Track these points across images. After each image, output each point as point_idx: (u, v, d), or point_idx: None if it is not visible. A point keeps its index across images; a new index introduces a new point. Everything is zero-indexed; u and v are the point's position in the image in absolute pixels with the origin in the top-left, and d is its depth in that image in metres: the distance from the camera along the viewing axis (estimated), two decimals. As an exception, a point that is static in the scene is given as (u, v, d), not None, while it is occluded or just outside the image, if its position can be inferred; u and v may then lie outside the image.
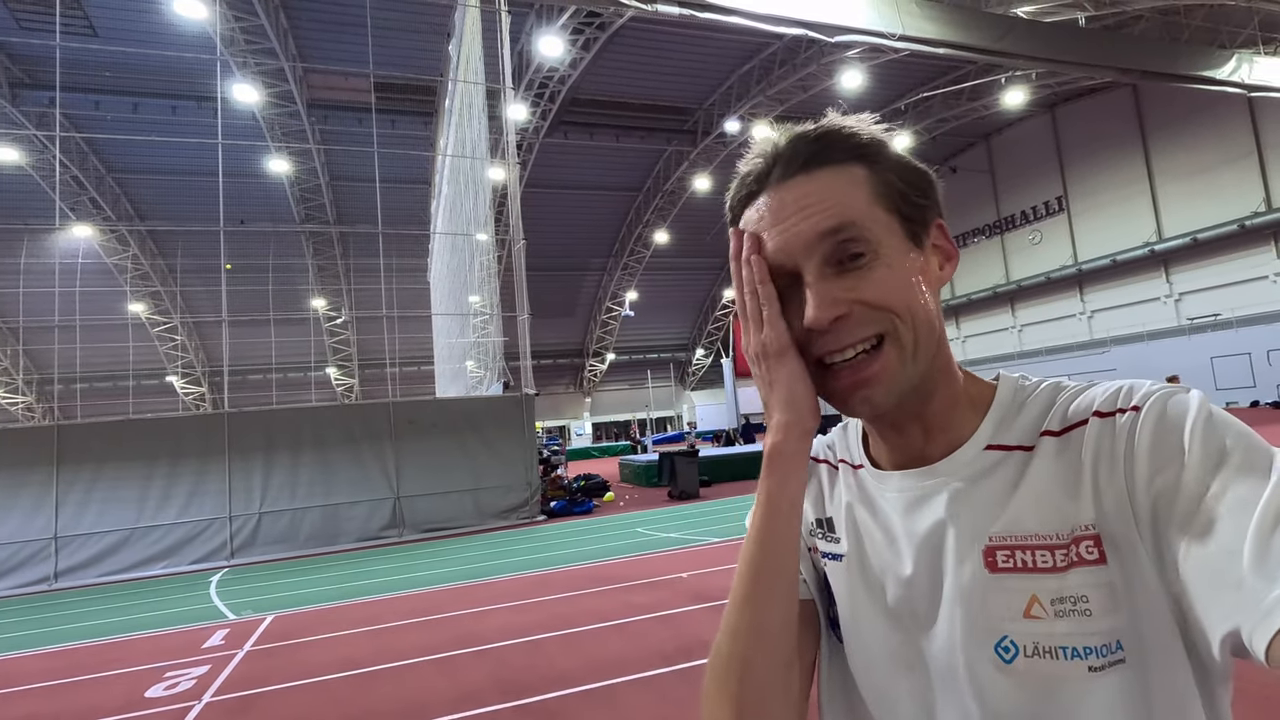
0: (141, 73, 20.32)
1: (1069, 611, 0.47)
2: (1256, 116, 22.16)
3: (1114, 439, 0.49)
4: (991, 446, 0.54)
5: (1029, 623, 0.48)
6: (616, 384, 42.22)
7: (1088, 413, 0.51)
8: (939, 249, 0.56)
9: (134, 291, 28.83)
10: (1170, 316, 25.45)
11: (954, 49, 10.72)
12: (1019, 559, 0.50)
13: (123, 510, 9.79)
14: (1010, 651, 0.49)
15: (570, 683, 3.89)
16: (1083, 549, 0.48)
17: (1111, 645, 0.46)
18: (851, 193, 0.53)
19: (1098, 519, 0.48)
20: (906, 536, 0.55)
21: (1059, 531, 0.49)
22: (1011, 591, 0.49)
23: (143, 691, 4.45)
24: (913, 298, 0.52)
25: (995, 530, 0.51)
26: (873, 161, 0.54)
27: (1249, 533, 0.40)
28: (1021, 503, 0.51)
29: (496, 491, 11.65)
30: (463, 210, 16.81)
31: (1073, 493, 0.49)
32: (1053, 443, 0.52)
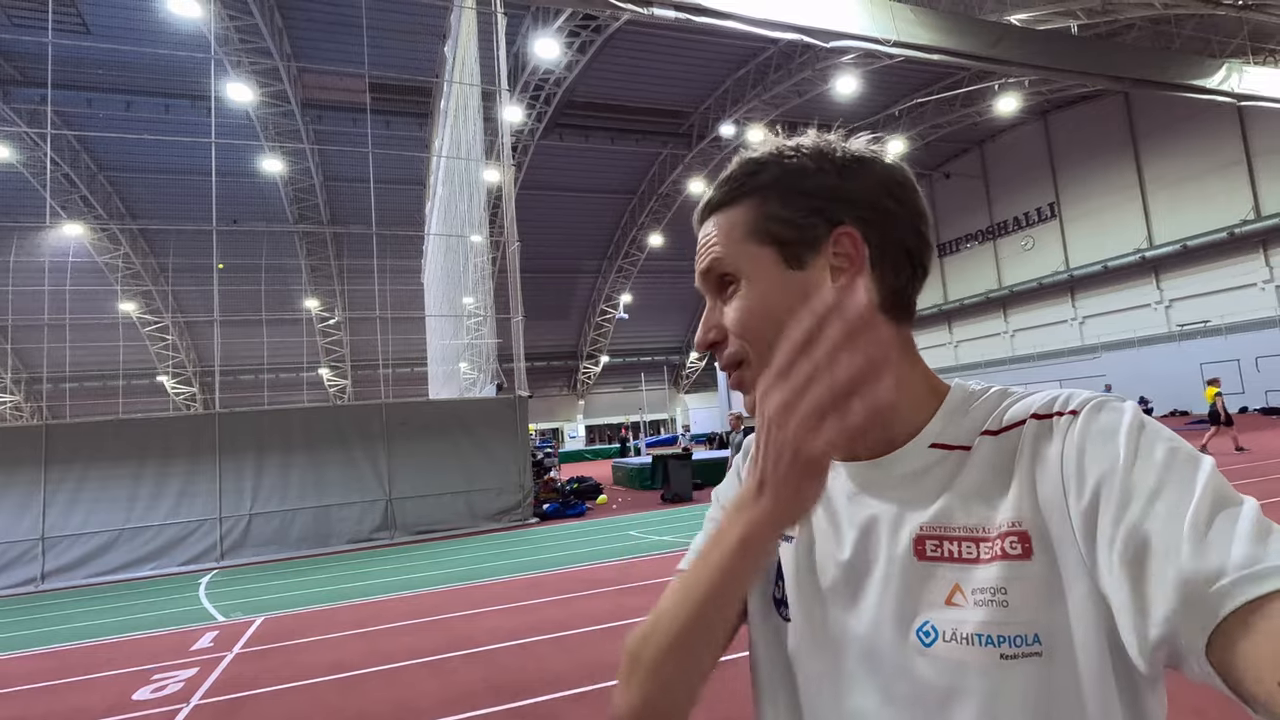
0: (135, 71, 20.22)
1: (987, 601, 0.49)
2: (1246, 125, 22.38)
3: (1050, 441, 0.51)
4: (936, 445, 0.56)
5: (949, 610, 0.51)
6: (610, 387, 42.20)
7: (1025, 415, 0.53)
8: (840, 256, 0.57)
9: (125, 290, 28.64)
10: (1161, 323, 25.64)
11: (948, 55, 10.78)
12: (946, 549, 0.52)
13: (112, 511, 9.70)
14: (930, 636, 0.51)
15: (562, 685, 3.88)
16: (1007, 544, 0.49)
17: (1028, 637, 0.48)
18: (729, 232, 0.60)
19: (1028, 516, 0.50)
20: (848, 523, 0.59)
21: (984, 525, 0.51)
22: (936, 579, 0.52)
23: (130, 694, 4.41)
24: (766, 322, 0.57)
25: (926, 520, 0.54)
26: (761, 195, 0.59)
27: (1181, 532, 0.41)
28: (953, 496, 0.53)
29: (489, 494, 11.62)
30: (457, 212, 16.79)
31: (1004, 489, 0.51)
32: (989, 442, 0.54)
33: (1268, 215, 22.02)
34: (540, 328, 33.41)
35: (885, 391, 0.42)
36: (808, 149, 0.60)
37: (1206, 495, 0.42)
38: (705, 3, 8.81)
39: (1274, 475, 9.29)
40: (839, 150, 0.59)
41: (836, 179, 0.58)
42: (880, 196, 0.58)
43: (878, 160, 0.60)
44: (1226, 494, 0.43)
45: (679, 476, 13.14)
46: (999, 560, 0.49)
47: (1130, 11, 14.81)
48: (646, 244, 32.74)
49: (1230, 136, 22.96)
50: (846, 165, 0.59)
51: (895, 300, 0.58)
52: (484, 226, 14.56)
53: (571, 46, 19.86)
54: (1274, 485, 8.48)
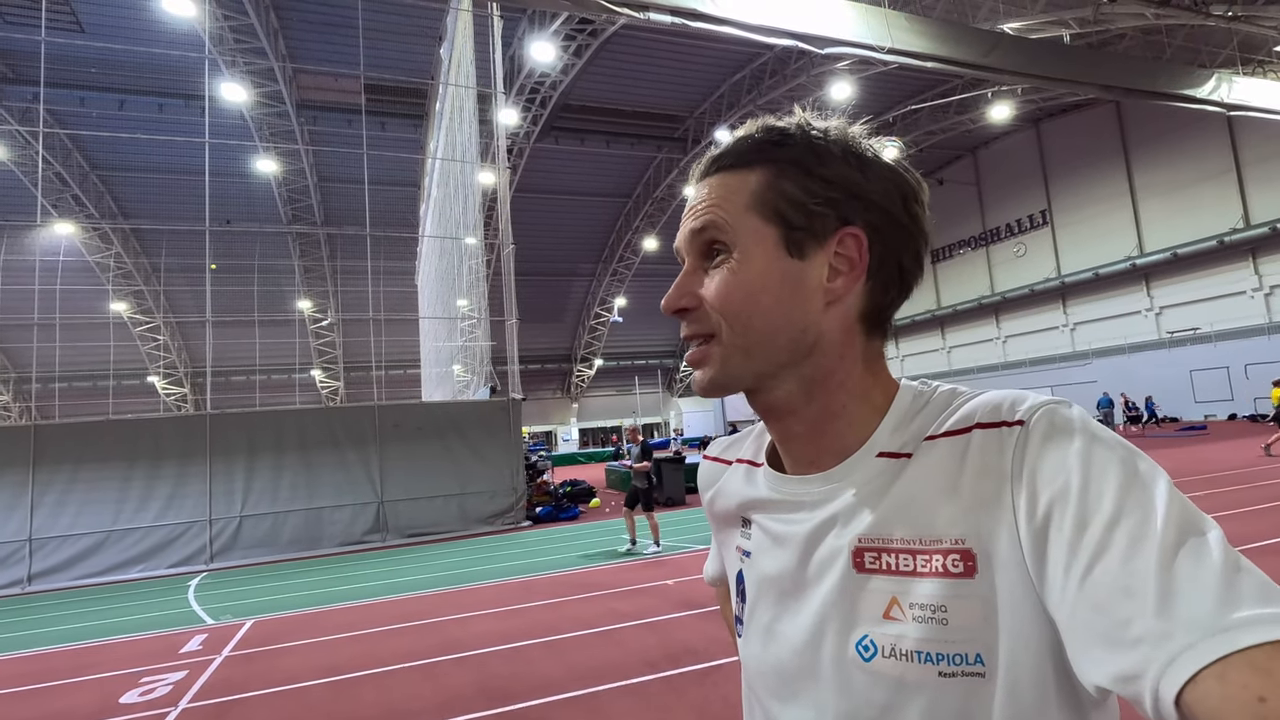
0: (128, 70, 20.12)
1: (926, 618, 0.48)
2: (1235, 135, 22.60)
3: (996, 453, 0.48)
4: (884, 454, 0.54)
5: (887, 624, 0.49)
6: (604, 390, 42.16)
7: (970, 422, 0.50)
8: (841, 257, 0.55)
9: (116, 290, 28.46)
10: (1151, 330, 25.82)
11: (942, 63, 10.84)
12: (884, 561, 0.50)
13: (100, 512, 9.63)
14: (870, 650, 0.50)
15: (554, 690, 3.87)
16: (949, 561, 0.48)
17: (968, 656, 0.46)
18: (731, 197, 0.56)
19: (972, 533, 0.47)
20: (794, 536, 0.57)
21: (924, 538, 0.49)
22: (874, 592, 0.51)
23: (117, 697, 4.37)
24: (754, 305, 0.54)
25: (864, 531, 0.52)
26: (779, 167, 0.56)
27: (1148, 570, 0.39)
28: (893, 506, 0.51)
29: (482, 497, 11.59)
30: (452, 214, 16.77)
31: (945, 501, 0.49)
32: (930, 448, 0.52)
33: (1257, 224, 22.22)
34: (534, 330, 33.38)
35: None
36: (834, 134, 0.56)
37: (1170, 525, 0.40)
38: (701, 8, 8.84)
39: None
40: (864, 145, 0.56)
41: (859, 174, 0.55)
42: (896, 206, 0.55)
43: (900, 167, 0.57)
44: (1189, 520, 0.40)
45: (672, 480, 13.12)
46: (939, 577, 0.48)
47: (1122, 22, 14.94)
48: (641, 248, 32.77)
49: (1220, 146, 23.18)
50: (868, 162, 0.56)
51: (876, 316, 0.57)
52: (478, 229, 14.56)
53: (567, 50, 19.87)
54: None
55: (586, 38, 19.56)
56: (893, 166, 0.56)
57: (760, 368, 0.56)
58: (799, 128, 0.57)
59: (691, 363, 0.58)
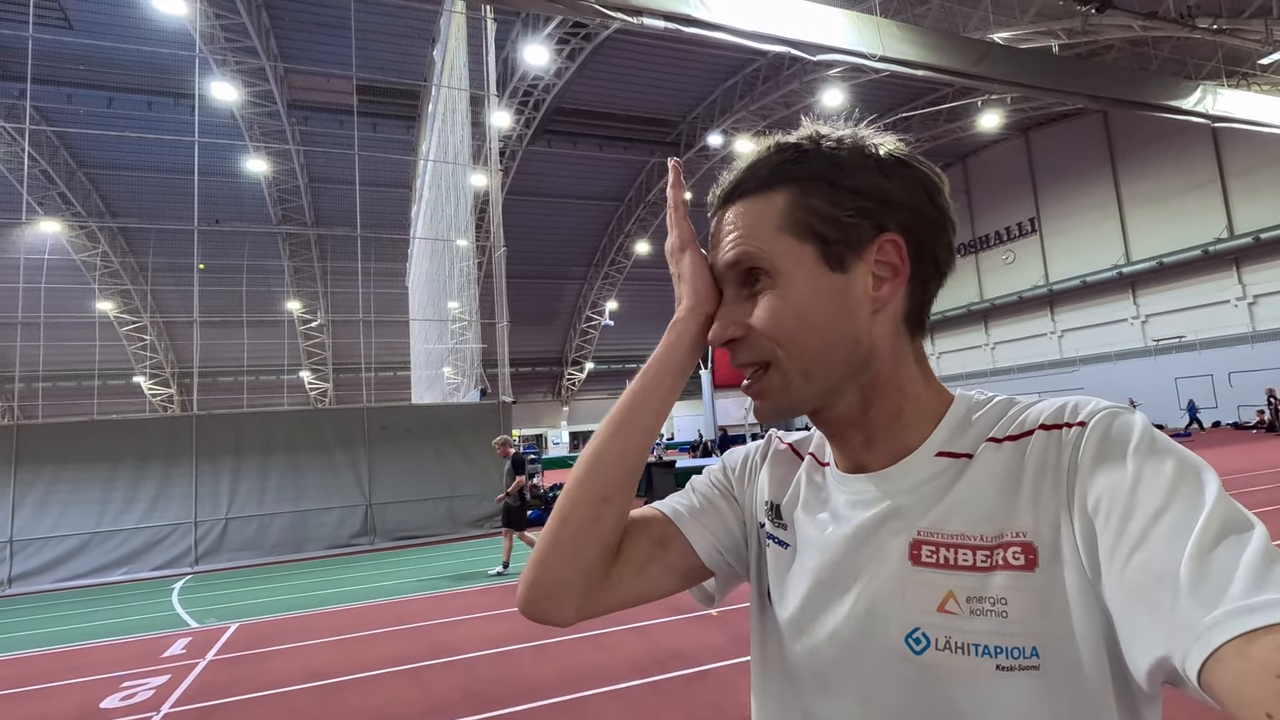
0: (117, 67, 19.96)
1: (986, 611, 0.48)
2: (1220, 146, 22.91)
3: (1058, 452, 0.49)
4: (942, 454, 0.55)
5: (942, 617, 0.50)
6: (595, 393, 42.12)
7: (1033, 425, 0.52)
8: (883, 264, 0.55)
9: (102, 289, 28.19)
10: (1137, 337, 26.09)
11: (932, 71, 10.93)
12: (941, 555, 0.51)
13: (83, 514, 9.50)
14: (922, 643, 0.50)
15: (541, 694, 3.85)
16: (1010, 554, 0.48)
17: (1025, 650, 0.47)
18: (760, 223, 0.57)
19: (1033, 527, 0.48)
20: (848, 530, 0.57)
21: (985, 534, 0.50)
22: (929, 585, 0.51)
23: (98, 702, 4.31)
24: (806, 326, 0.55)
25: (923, 525, 0.53)
26: (803, 185, 0.56)
27: (1184, 558, 0.40)
28: (952, 503, 0.52)
29: (471, 500, 11.53)
30: (443, 216, 16.73)
31: (1009, 499, 0.50)
32: (992, 449, 0.53)
33: (1240, 234, 22.53)
34: (525, 333, 33.29)
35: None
36: (849, 143, 0.56)
37: (1214, 518, 0.41)
38: (694, 13, 8.86)
39: None
40: (880, 148, 0.57)
41: (883, 179, 0.55)
42: (923, 203, 0.56)
43: (917, 162, 0.57)
44: (1235, 518, 0.41)
45: (662, 484, 13.13)
46: (1000, 570, 0.49)
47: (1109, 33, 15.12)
48: (633, 251, 32.82)
49: (1205, 157, 23.49)
50: (889, 165, 0.56)
51: (917, 314, 0.58)
52: (470, 231, 14.52)
53: (561, 53, 19.90)
54: None
55: (580, 41, 19.60)
56: (912, 164, 0.57)
57: (822, 386, 0.56)
58: (813, 141, 0.57)
59: (751, 393, 0.59)
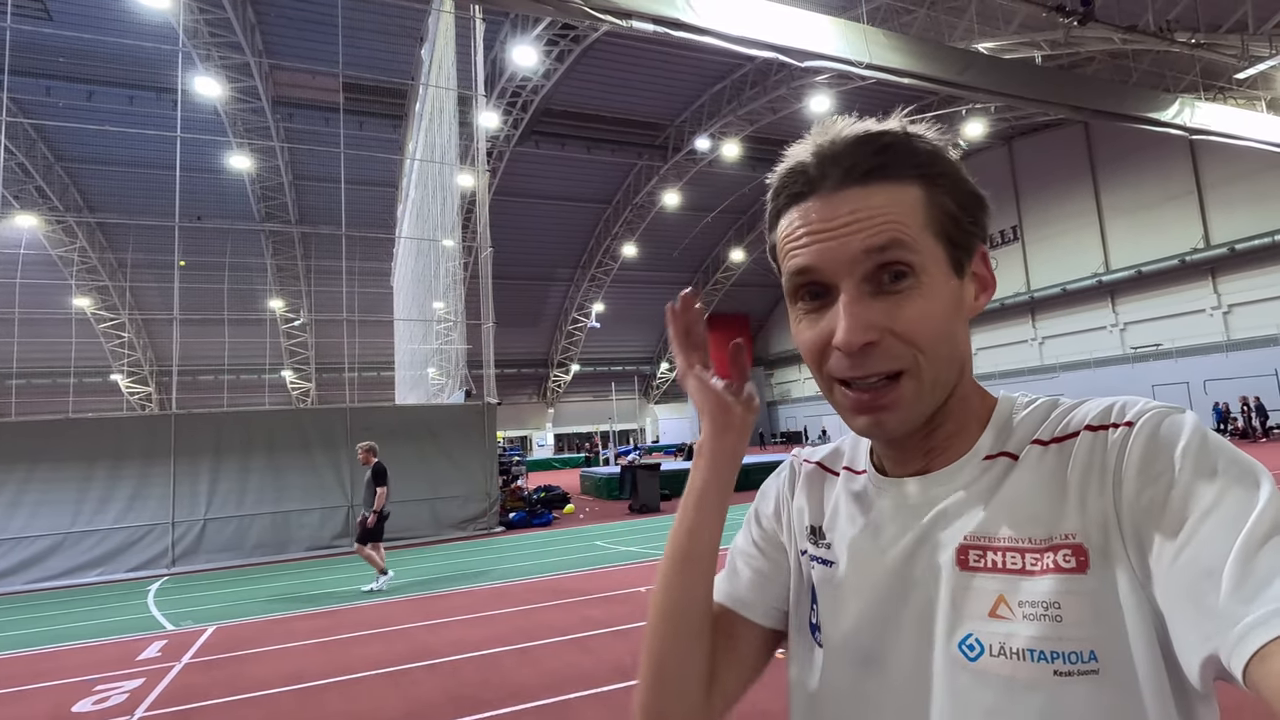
0: (98, 60, 19.65)
1: (1039, 616, 0.47)
2: (1197, 158, 23.35)
3: (1105, 453, 0.49)
4: (990, 457, 0.54)
5: (994, 622, 0.48)
6: (580, 395, 42.03)
7: (1079, 426, 0.51)
8: (978, 277, 0.56)
9: (80, 285, 27.67)
10: (1116, 345, 26.50)
11: (918, 79, 11.06)
12: (990, 559, 0.50)
13: (56, 514, 9.32)
14: (975, 650, 0.49)
15: (525, 697, 3.83)
16: (1060, 556, 0.48)
17: (1083, 654, 0.45)
18: (907, 213, 0.51)
19: (1082, 529, 0.48)
20: (893, 537, 0.56)
21: (1034, 536, 0.49)
22: (979, 591, 0.50)
23: (70, 706, 4.22)
24: (942, 332, 0.52)
25: (970, 530, 0.52)
26: (932, 181, 0.53)
27: (1231, 555, 0.40)
28: (999, 506, 0.51)
29: (454, 502, 11.46)
30: (430, 215, 16.63)
31: (1056, 501, 0.49)
32: (1038, 451, 0.52)
33: (1216, 244, 22.98)
34: (511, 335, 33.17)
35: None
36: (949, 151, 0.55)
37: (1264, 517, 0.40)
38: (684, 17, 8.90)
39: None
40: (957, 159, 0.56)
41: (975, 191, 0.55)
42: (987, 217, 0.56)
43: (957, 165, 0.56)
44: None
45: (647, 487, 13.12)
46: (1051, 573, 0.47)
47: (1091, 45, 15.38)
48: (620, 254, 32.81)
49: (1182, 168, 23.94)
50: (970, 177, 0.56)
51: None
52: (456, 231, 14.45)
53: (550, 55, 19.89)
54: None
55: (569, 43, 19.60)
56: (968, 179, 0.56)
57: (942, 396, 0.54)
58: (936, 143, 0.55)
59: (876, 406, 0.52)
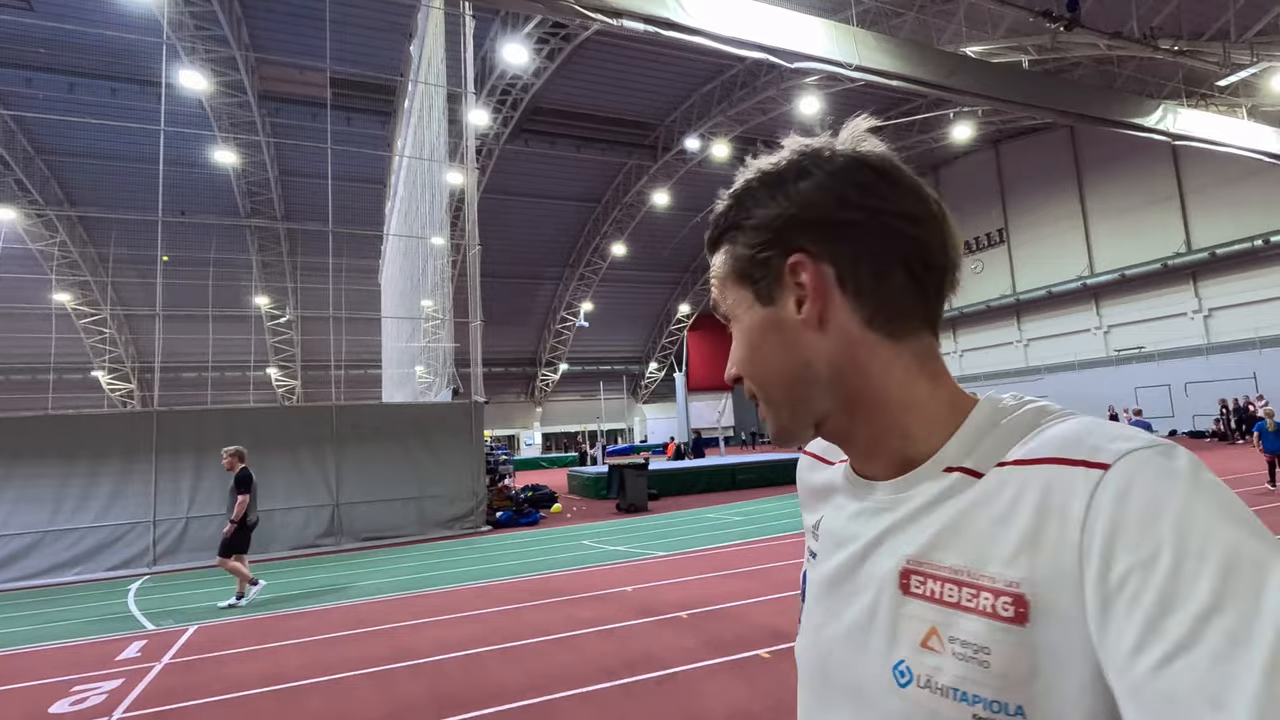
0: (80, 51, 19.38)
1: (967, 656, 0.45)
2: (1179, 163, 23.69)
3: (1068, 496, 0.42)
4: (951, 469, 0.51)
5: (925, 653, 0.47)
6: (568, 394, 41.96)
7: (1045, 453, 0.45)
8: (799, 285, 0.54)
9: (60, 280, 27.26)
10: (1099, 347, 26.82)
11: (906, 82, 11.12)
12: (929, 588, 0.48)
13: (34, 511, 9.18)
14: (905, 677, 0.48)
15: (509, 697, 3.81)
16: (1000, 603, 0.44)
17: (1009, 706, 0.43)
18: (720, 272, 0.61)
19: (1029, 579, 0.43)
20: (853, 540, 0.56)
21: (975, 571, 0.46)
22: (914, 618, 0.48)
23: (46, 707, 4.16)
24: (756, 358, 0.58)
25: (914, 552, 0.50)
26: (730, 240, 0.59)
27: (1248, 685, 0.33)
28: (948, 530, 0.48)
29: (441, 500, 11.40)
30: (418, 213, 16.53)
31: (1006, 538, 0.45)
32: (999, 475, 0.47)
33: (1197, 249, 23.32)
34: (499, 333, 33.07)
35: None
36: (763, 173, 0.57)
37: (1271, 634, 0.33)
38: (674, 17, 8.90)
39: None
40: (793, 166, 0.56)
41: (786, 203, 0.55)
42: (832, 210, 0.53)
43: (834, 165, 0.55)
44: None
45: (635, 486, 13.11)
46: (986, 616, 0.44)
47: (1077, 51, 15.53)
48: (609, 253, 32.79)
49: (1165, 173, 24.27)
50: (795, 183, 0.55)
51: (887, 313, 0.54)
52: (445, 229, 14.37)
53: (540, 53, 19.83)
54: None
55: (559, 41, 19.55)
56: (822, 170, 0.55)
57: (799, 410, 0.57)
58: (737, 190, 0.59)
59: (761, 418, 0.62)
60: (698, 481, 15.94)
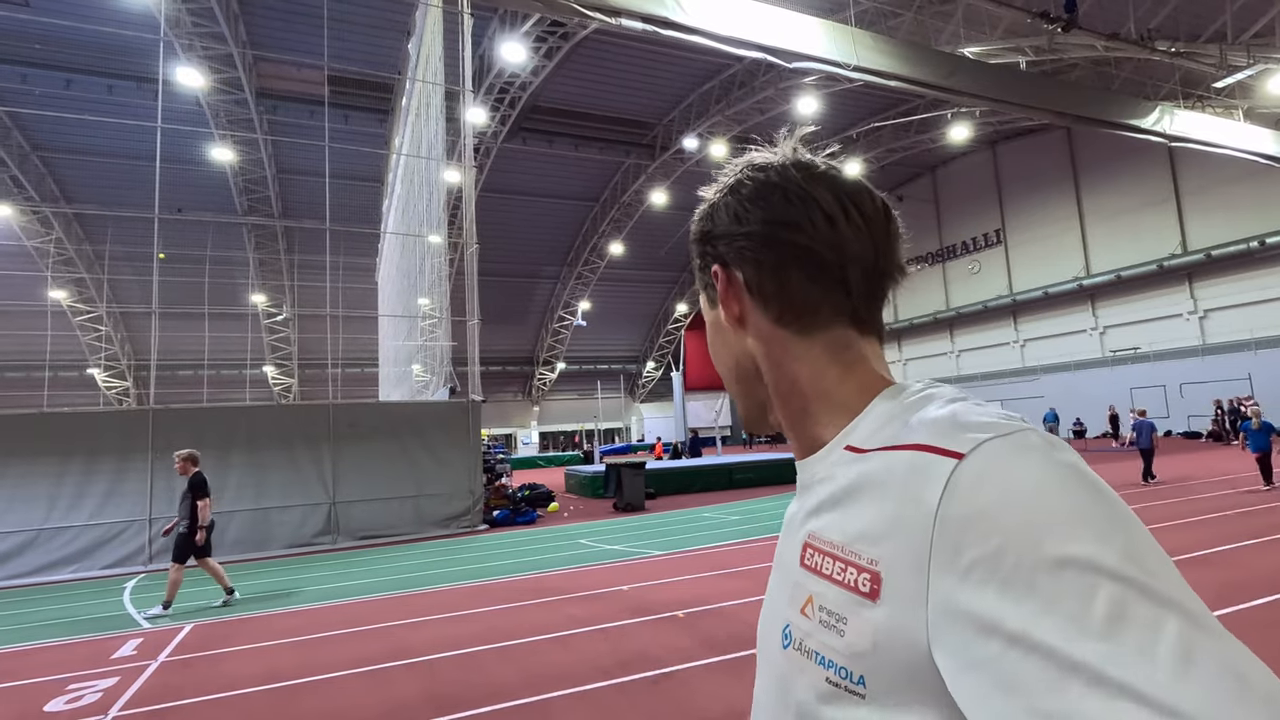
0: (76, 48, 19.30)
1: (829, 624, 0.49)
2: (1176, 165, 23.75)
3: (924, 484, 0.44)
4: (849, 447, 0.54)
5: (801, 619, 0.52)
6: (565, 393, 41.94)
7: (910, 439, 0.48)
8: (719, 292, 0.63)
9: (56, 278, 27.18)
10: (1095, 348, 26.89)
11: (905, 82, 11.13)
12: (815, 560, 0.52)
13: (30, 509, 9.16)
14: (787, 639, 0.54)
15: (505, 696, 3.82)
16: (861, 578, 0.47)
17: (853, 675, 0.46)
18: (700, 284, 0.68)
19: (885, 559, 0.45)
20: (788, 523, 0.61)
21: (846, 547, 0.49)
22: (801, 586, 0.53)
23: (42, 705, 4.15)
24: (713, 357, 0.67)
25: (813, 528, 0.54)
26: (692, 249, 0.67)
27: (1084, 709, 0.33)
28: (838, 507, 0.52)
29: (438, 499, 11.39)
30: (415, 211, 16.52)
31: (873, 519, 0.47)
32: (881, 458, 0.50)
33: (1193, 250, 23.38)
34: (496, 332, 33.04)
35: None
36: (707, 199, 0.66)
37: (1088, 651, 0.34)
38: (673, 16, 8.90)
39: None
40: (723, 189, 0.64)
41: (710, 222, 0.64)
42: (732, 226, 0.61)
43: (745, 187, 0.62)
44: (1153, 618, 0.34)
45: (632, 486, 13.11)
46: (847, 589, 0.48)
47: (1074, 52, 15.57)
48: (607, 252, 32.76)
49: (1161, 175, 24.33)
50: (720, 203, 0.63)
51: (793, 311, 0.59)
52: (442, 227, 14.36)
53: (538, 51, 19.80)
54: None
55: (558, 40, 19.52)
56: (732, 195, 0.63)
57: (748, 401, 0.65)
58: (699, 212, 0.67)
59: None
60: (695, 481, 15.95)
